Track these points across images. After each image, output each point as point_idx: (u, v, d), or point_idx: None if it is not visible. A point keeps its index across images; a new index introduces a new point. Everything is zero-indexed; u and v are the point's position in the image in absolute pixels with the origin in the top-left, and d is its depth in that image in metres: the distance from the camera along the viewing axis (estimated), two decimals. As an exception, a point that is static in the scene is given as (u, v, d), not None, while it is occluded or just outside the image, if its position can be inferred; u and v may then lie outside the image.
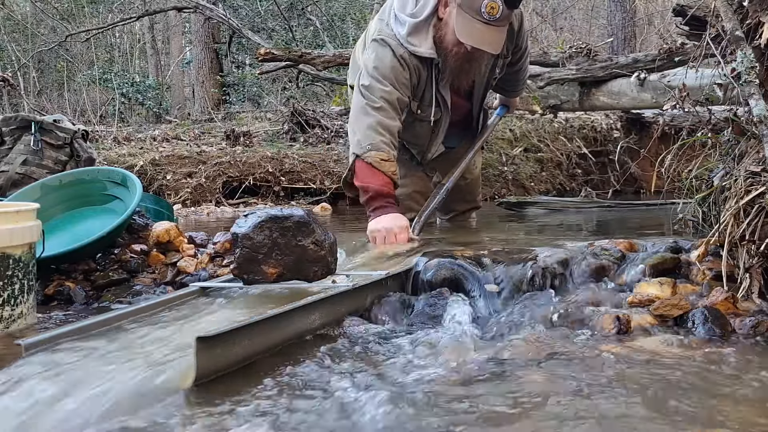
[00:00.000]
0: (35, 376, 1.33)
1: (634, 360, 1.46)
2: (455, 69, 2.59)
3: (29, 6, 12.01)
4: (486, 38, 2.44)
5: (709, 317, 1.65)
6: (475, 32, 2.42)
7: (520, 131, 5.55)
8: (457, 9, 2.42)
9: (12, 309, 1.91)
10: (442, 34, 2.51)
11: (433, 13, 2.51)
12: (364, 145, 2.43)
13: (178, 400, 1.26)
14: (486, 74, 2.75)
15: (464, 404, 1.24)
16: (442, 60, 2.55)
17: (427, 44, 2.51)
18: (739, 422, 1.14)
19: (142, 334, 1.59)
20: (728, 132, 2.05)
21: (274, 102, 9.24)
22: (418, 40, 2.51)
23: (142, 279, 2.33)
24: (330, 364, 1.46)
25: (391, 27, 2.55)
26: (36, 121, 3.38)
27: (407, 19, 2.51)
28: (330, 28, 10.29)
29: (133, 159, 4.85)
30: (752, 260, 1.75)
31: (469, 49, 2.47)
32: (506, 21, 2.47)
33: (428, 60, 2.54)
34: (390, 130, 2.46)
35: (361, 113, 2.48)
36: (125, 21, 9.97)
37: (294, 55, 5.33)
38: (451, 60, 2.54)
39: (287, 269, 1.78)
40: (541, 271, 1.94)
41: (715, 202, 2.08)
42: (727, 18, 1.96)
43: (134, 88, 10.01)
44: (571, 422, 1.14)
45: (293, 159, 4.98)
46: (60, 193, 2.62)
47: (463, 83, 2.70)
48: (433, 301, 1.84)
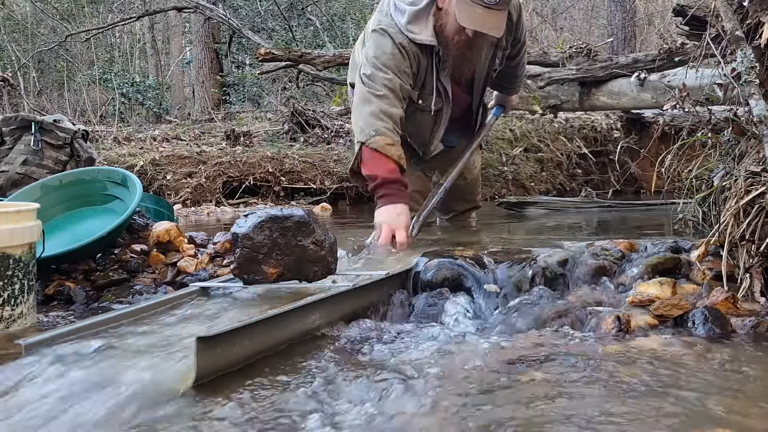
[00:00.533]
0: (35, 376, 1.33)
1: (634, 360, 1.46)
2: (457, 57, 2.61)
3: (29, 6, 12.01)
4: (487, 22, 2.46)
5: (709, 317, 1.65)
6: (476, 16, 2.44)
7: (520, 131, 5.55)
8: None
9: (12, 309, 1.91)
10: (443, 23, 2.53)
11: (432, 1, 2.54)
12: (368, 131, 2.44)
13: (178, 400, 1.26)
14: (486, 65, 2.76)
15: (464, 404, 1.24)
16: (443, 49, 2.57)
17: (427, 32, 2.53)
18: (740, 422, 1.13)
19: (142, 334, 1.59)
20: (728, 132, 2.05)
21: (274, 102, 9.24)
22: (418, 28, 2.53)
23: (142, 279, 2.33)
24: (330, 364, 1.46)
25: (391, 16, 2.57)
26: (36, 121, 3.38)
27: (407, 8, 2.54)
28: (330, 28, 10.29)
29: (133, 159, 4.85)
30: (752, 260, 1.75)
31: (470, 35, 2.49)
32: (506, 5, 2.49)
33: (428, 48, 2.56)
34: (392, 116, 2.47)
35: (363, 101, 2.50)
36: (125, 21, 9.97)
37: (294, 55, 5.33)
38: (453, 48, 2.56)
39: (287, 269, 1.78)
40: (541, 271, 1.94)
41: (715, 202, 2.08)
42: (727, 18, 1.96)
43: (134, 88, 10.01)
44: (571, 422, 1.15)
45: (293, 159, 4.98)
46: (60, 193, 2.62)
47: (465, 72, 2.72)
48: (433, 300, 1.84)
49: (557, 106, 4.81)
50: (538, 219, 3.58)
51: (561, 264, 1.97)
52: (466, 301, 1.83)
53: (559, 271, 1.95)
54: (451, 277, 1.93)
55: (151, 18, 11.17)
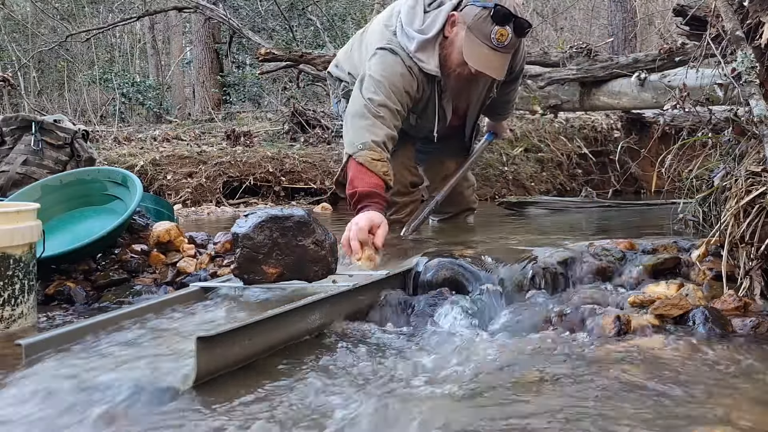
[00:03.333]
0: (35, 375, 1.33)
1: (634, 360, 1.46)
2: (455, 88, 2.61)
3: (29, 6, 12.01)
4: (492, 63, 2.45)
5: (710, 317, 1.65)
6: (482, 57, 2.42)
7: (520, 131, 5.54)
8: (467, 32, 2.41)
9: (12, 309, 1.92)
10: (447, 53, 2.51)
11: (440, 31, 2.50)
12: (357, 144, 2.38)
13: (178, 400, 1.26)
14: (483, 96, 2.76)
15: (465, 404, 1.24)
16: (444, 78, 2.55)
17: (434, 61, 2.50)
18: (740, 422, 1.13)
19: (142, 334, 1.60)
20: (728, 132, 2.04)
21: (275, 102, 9.24)
22: (426, 57, 2.49)
23: (142, 279, 2.33)
24: (330, 364, 1.46)
25: (398, 38, 2.54)
26: (36, 121, 3.38)
27: (416, 35, 2.49)
28: (330, 28, 10.28)
29: (134, 159, 4.85)
30: (752, 263, 1.75)
31: (473, 72, 2.47)
32: (513, 48, 2.48)
33: (432, 77, 2.54)
34: (387, 135, 2.43)
35: (357, 115, 2.45)
36: (125, 21, 9.96)
37: (294, 55, 5.33)
38: (453, 79, 2.55)
39: (287, 269, 1.78)
40: (542, 271, 1.94)
41: (715, 202, 2.08)
42: (728, 18, 1.96)
43: (134, 88, 10.00)
44: (571, 422, 1.15)
45: (293, 159, 4.98)
46: (60, 193, 2.62)
47: (460, 102, 2.72)
48: (433, 301, 1.84)
49: (557, 106, 4.80)
50: (538, 219, 3.58)
51: (561, 264, 1.97)
52: (466, 301, 1.83)
53: (559, 270, 1.95)
54: (452, 277, 1.93)
55: (151, 18, 11.16)
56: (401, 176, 2.86)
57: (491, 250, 2.13)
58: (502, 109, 3.08)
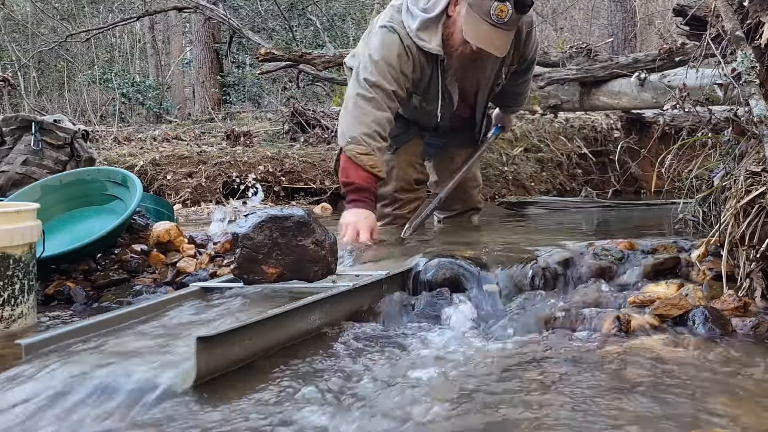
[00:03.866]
0: (35, 375, 1.33)
1: (634, 360, 1.46)
2: (459, 68, 2.60)
3: (29, 6, 12.02)
4: (492, 40, 2.44)
5: (710, 317, 1.65)
6: (481, 33, 2.42)
7: (520, 131, 5.54)
8: (467, 8, 2.43)
9: (12, 309, 1.91)
10: (450, 32, 2.52)
11: (444, 10, 2.52)
12: (347, 136, 2.46)
13: (178, 400, 1.26)
14: (491, 79, 2.75)
15: (465, 405, 1.24)
16: (447, 57, 2.55)
17: (435, 40, 2.51)
18: (740, 422, 1.13)
19: (141, 334, 1.59)
20: (728, 132, 2.05)
21: (275, 102, 9.25)
22: (428, 36, 2.51)
23: (142, 279, 2.33)
24: (330, 364, 1.46)
25: (403, 18, 2.55)
26: (36, 121, 3.38)
27: (419, 14, 2.51)
28: (330, 28, 10.29)
29: (134, 159, 4.85)
30: (752, 265, 1.75)
31: (474, 49, 2.47)
32: (514, 25, 2.48)
33: (434, 56, 2.55)
34: (378, 121, 2.45)
35: (350, 103, 2.50)
36: (125, 21, 9.97)
37: (294, 55, 5.33)
38: (456, 59, 2.55)
39: (287, 269, 1.78)
40: (542, 271, 1.94)
41: (715, 202, 2.08)
42: (728, 18, 1.96)
43: (134, 88, 10.00)
44: (571, 422, 1.15)
45: (293, 159, 4.98)
46: (60, 193, 2.62)
47: (467, 84, 2.71)
48: (433, 301, 1.84)
49: (557, 106, 4.80)
50: (538, 219, 3.58)
51: (561, 264, 1.97)
52: (466, 301, 1.83)
53: (559, 271, 1.95)
54: (452, 277, 1.93)
55: (151, 18, 11.16)
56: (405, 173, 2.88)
57: (491, 250, 2.13)
58: (513, 101, 3.08)
